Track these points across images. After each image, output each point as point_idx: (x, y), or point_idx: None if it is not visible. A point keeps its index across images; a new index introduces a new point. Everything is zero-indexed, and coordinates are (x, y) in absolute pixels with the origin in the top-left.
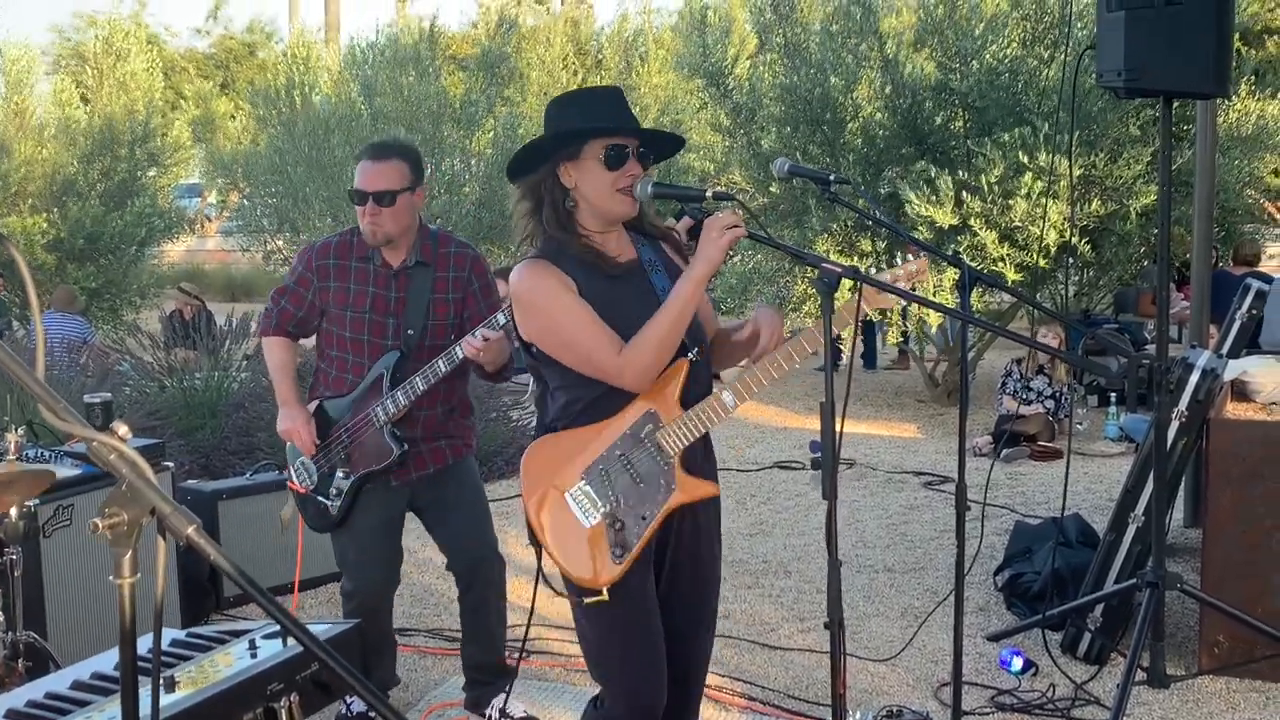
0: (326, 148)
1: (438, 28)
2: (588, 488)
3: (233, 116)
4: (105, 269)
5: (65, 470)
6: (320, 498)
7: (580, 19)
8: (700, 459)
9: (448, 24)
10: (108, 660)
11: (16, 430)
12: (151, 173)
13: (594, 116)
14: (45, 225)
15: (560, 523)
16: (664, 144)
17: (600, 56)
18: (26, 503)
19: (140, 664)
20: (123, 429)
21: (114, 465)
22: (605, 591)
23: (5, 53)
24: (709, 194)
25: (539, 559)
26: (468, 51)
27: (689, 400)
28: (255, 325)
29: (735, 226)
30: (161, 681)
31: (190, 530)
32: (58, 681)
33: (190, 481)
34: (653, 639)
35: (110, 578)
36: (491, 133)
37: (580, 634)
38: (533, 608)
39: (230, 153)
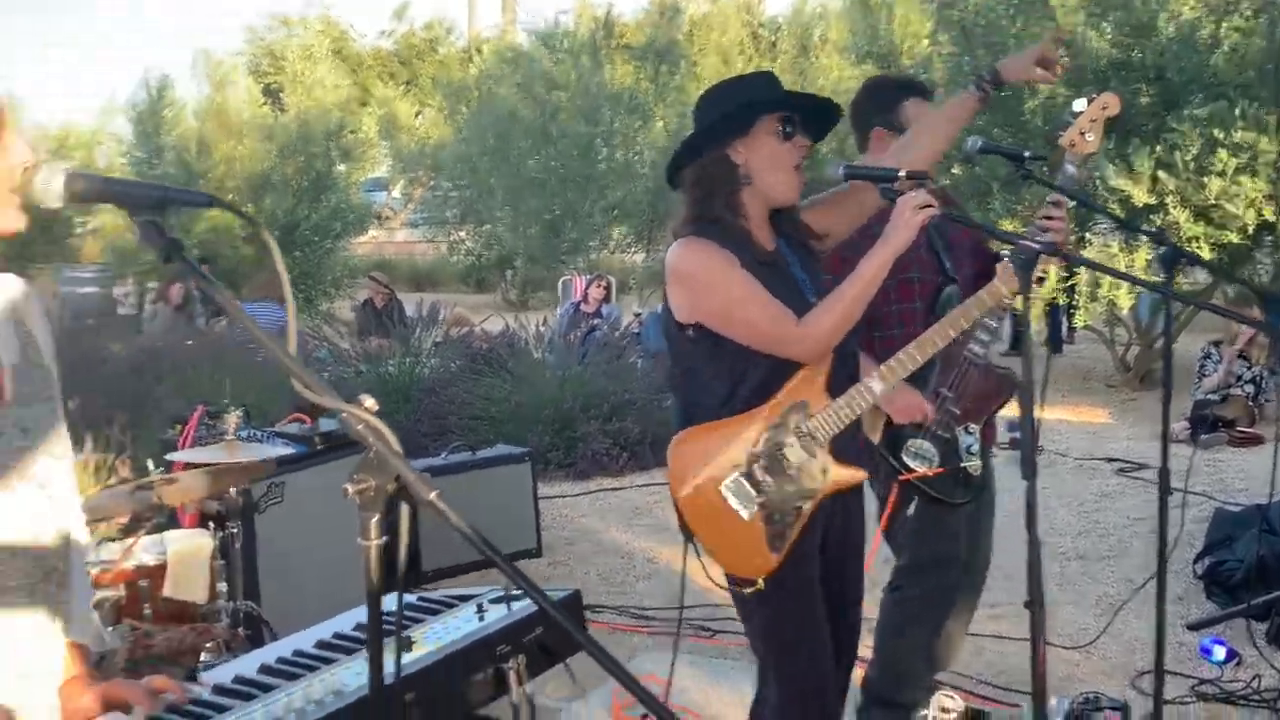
0: (510, 139)
1: (613, 16)
2: (741, 479)
3: (418, 112)
4: (300, 261)
5: (276, 450)
6: (959, 464)
7: (752, 4)
8: (851, 445)
9: (621, 12)
10: (326, 629)
11: (235, 412)
12: (341, 168)
13: (760, 94)
14: (239, 219)
15: (715, 515)
16: (825, 122)
17: (775, 40)
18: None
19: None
20: (369, 401)
21: (362, 435)
22: (762, 581)
23: (208, 55)
24: (902, 174)
25: (686, 552)
26: (640, 40)
27: (836, 388)
28: (444, 314)
29: (928, 206)
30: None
31: (432, 495)
32: (281, 648)
33: None
34: (816, 625)
35: (358, 539)
36: (663, 121)
37: (745, 623)
38: (683, 596)
39: (416, 147)
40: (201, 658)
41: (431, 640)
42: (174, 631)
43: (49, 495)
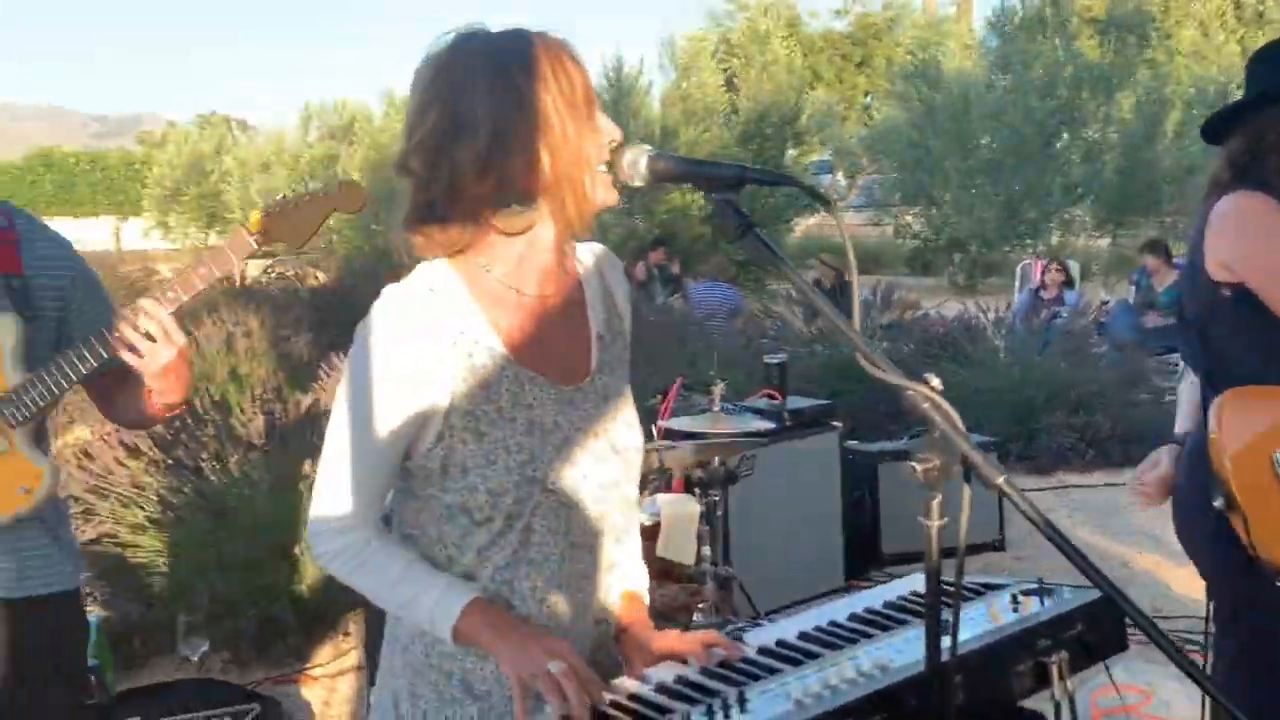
0: (965, 120)
1: None
2: None
3: (866, 93)
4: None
5: (760, 424)
6: None
7: None
8: None
9: None
10: (857, 603)
11: (719, 385)
12: (793, 151)
13: None
14: (703, 201)
15: (1263, 485)
16: None
17: (1261, 9)
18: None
19: (911, 603)
20: (934, 380)
21: (927, 414)
22: None
23: (675, 42)
24: None
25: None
26: (1101, 12)
27: None
28: (898, 296)
29: None
30: (940, 622)
31: (1000, 480)
32: (816, 618)
33: (850, 442)
34: None
35: (919, 518)
36: (1133, 97)
37: (1221, 633)
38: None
39: (867, 129)
40: (694, 617)
41: (969, 626)
42: (668, 589)
43: (623, 460)
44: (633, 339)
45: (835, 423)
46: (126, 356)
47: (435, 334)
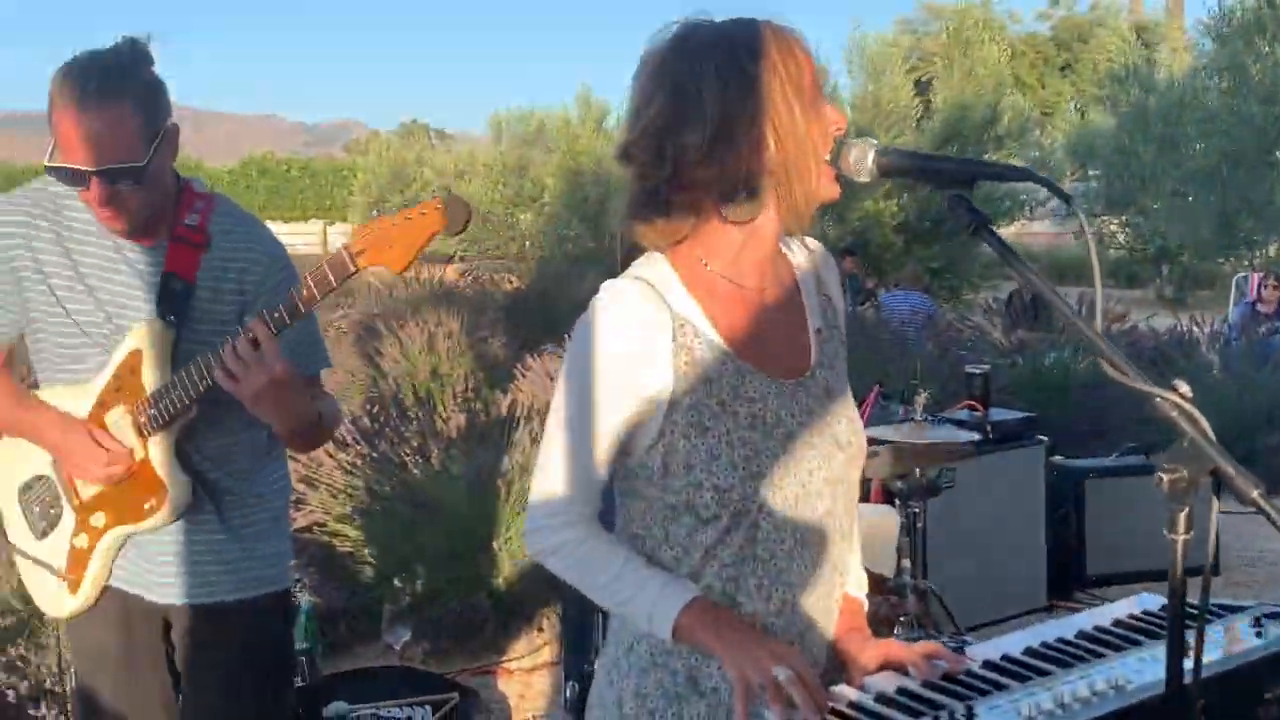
0: (1179, 126)
1: None
2: None
3: (1071, 98)
4: (948, 250)
5: (966, 435)
6: None
7: None
8: None
9: None
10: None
11: (923, 394)
12: (991, 157)
13: None
14: (895, 209)
15: None
16: None
17: None
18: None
19: (1143, 623)
20: (1183, 387)
21: (1176, 421)
22: None
23: (864, 46)
24: None
25: None
26: None
27: None
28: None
29: None
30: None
31: (1255, 494)
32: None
33: (1056, 457)
34: None
35: (1164, 532)
36: None
37: None
38: None
39: (1071, 135)
40: (895, 630)
41: (1208, 649)
42: (870, 600)
43: (847, 457)
44: None
45: (1040, 437)
46: (220, 379)
47: (656, 325)
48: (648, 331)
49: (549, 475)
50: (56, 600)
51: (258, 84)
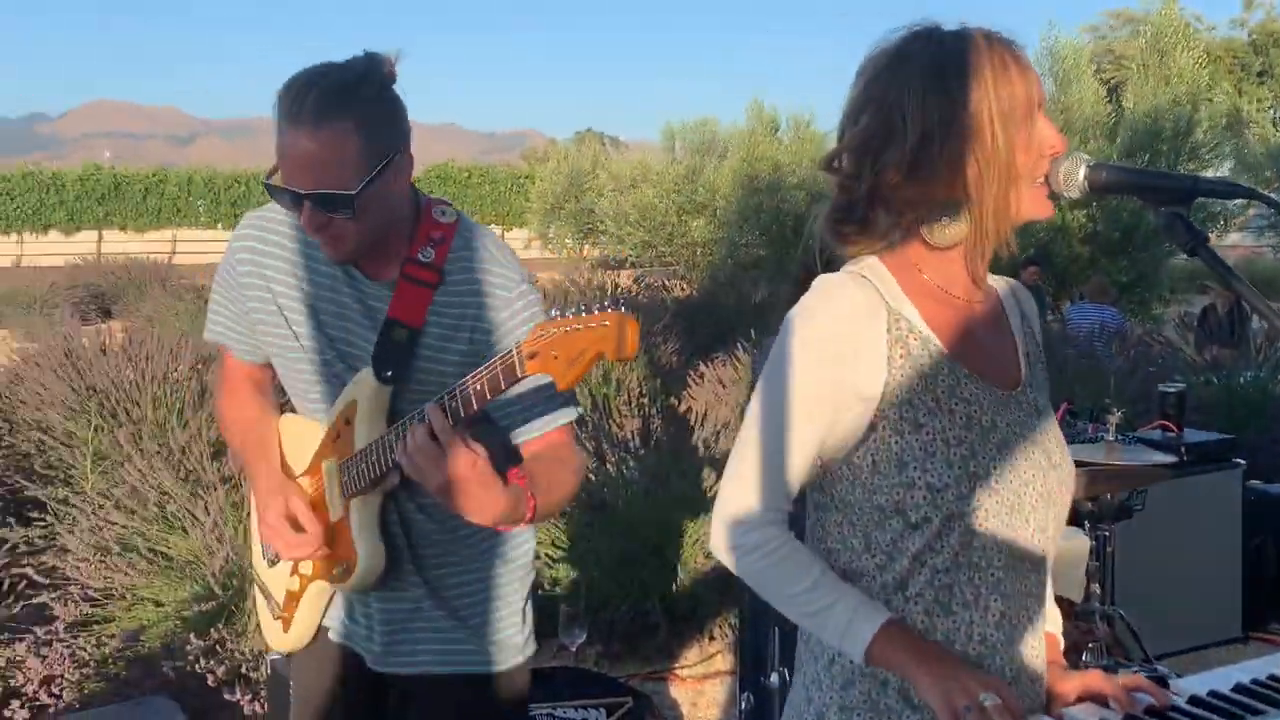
0: None
1: None
2: None
3: (1270, 105)
4: (1138, 263)
5: (1162, 457)
6: None
7: None
8: None
9: None
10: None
11: (1116, 413)
12: (1189, 166)
13: None
14: (1084, 219)
15: None
16: None
17: None
18: None
19: None
20: None
21: None
22: None
23: (1055, 52)
24: None
25: None
26: None
27: None
28: None
29: None
30: None
31: None
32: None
33: (1253, 482)
34: None
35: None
36: None
37: None
38: None
39: (1271, 144)
40: (1083, 657)
41: None
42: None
43: (1059, 477)
44: None
45: (1238, 459)
46: (404, 462)
47: (872, 317)
48: (863, 323)
49: (746, 472)
50: (273, 633)
51: (438, 94)
